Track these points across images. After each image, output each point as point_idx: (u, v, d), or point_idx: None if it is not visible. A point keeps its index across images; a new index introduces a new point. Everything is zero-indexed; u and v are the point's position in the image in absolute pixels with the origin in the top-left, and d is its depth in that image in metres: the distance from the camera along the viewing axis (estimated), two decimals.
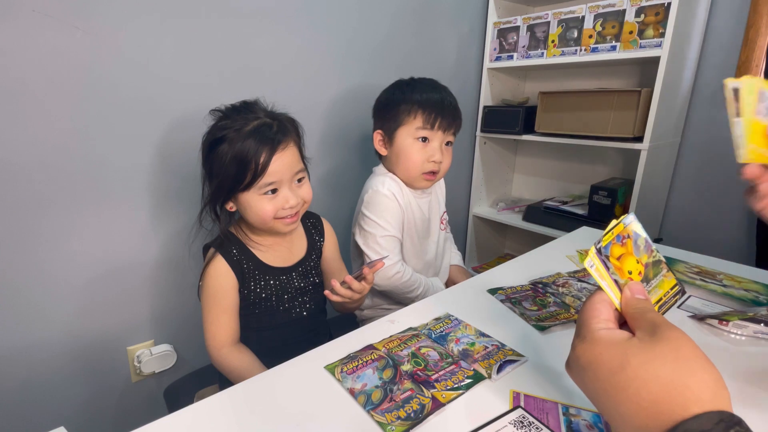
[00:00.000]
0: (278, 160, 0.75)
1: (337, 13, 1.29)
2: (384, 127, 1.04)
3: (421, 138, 1.00)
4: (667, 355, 0.30)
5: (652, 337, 0.32)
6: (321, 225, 0.94)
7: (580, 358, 0.35)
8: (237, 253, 0.80)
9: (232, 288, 0.80)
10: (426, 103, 0.98)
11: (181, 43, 1.03)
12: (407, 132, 1.00)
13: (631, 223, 0.40)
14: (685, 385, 0.28)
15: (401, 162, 1.02)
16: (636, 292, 0.38)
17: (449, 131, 1.02)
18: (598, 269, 0.38)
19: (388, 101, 1.04)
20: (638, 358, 0.31)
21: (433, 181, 1.05)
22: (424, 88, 1.01)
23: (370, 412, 0.47)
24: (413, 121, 0.99)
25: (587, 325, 0.36)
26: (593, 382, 0.33)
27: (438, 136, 1.01)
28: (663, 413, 0.28)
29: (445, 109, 0.99)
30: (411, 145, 1.00)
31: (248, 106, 0.80)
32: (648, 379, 0.30)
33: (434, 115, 0.98)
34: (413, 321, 0.66)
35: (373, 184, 1.04)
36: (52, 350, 1.01)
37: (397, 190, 1.03)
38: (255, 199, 0.76)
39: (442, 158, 1.02)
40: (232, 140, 0.73)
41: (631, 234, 0.40)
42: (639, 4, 1.32)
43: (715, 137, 1.46)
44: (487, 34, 1.74)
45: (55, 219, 0.95)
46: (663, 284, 0.41)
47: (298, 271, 0.87)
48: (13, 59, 0.84)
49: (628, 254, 0.39)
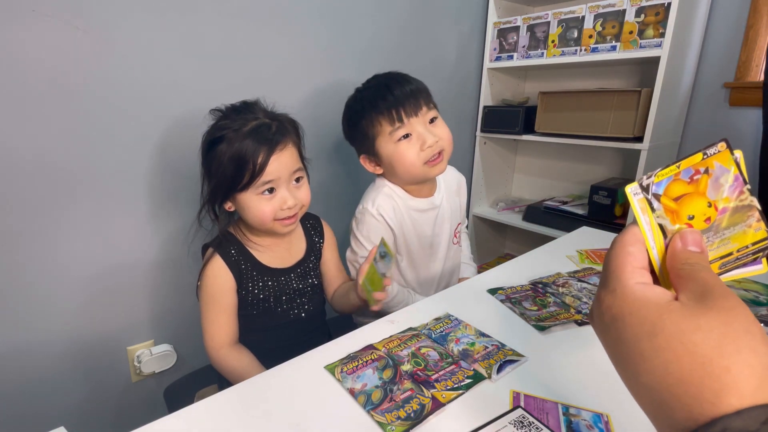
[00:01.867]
0: (276, 161, 0.75)
1: (337, 13, 1.29)
2: (363, 149, 0.99)
3: (402, 137, 0.92)
4: (714, 329, 0.24)
5: (700, 304, 0.25)
6: (320, 226, 0.94)
7: (606, 312, 0.29)
8: (235, 254, 0.80)
9: (230, 288, 0.80)
10: (379, 105, 0.91)
11: (181, 44, 1.03)
12: (384, 141, 0.93)
13: (717, 153, 0.30)
14: (724, 368, 0.23)
15: (398, 168, 0.94)
16: (690, 242, 0.29)
17: (421, 110, 0.92)
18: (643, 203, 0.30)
19: (351, 125, 0.99)
20: (676, 327, 0.25)
21: (441, 162, 0.94)
22: (370, 93, 0.94)
23: (370, 412, 0.47)
24: (381, 128, 0.92)
25: (617, 275, 0.29)
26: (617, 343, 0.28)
27: (415, 123, 0.91)
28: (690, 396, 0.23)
29: (400, 96, 0.90)
30: (396, 148, 0.92)
31: (248, 106, 0.80)
32: (681, 353, 0.24)
33: (394, 110, 0.90)
34: (413, 321, 0.66)
35: (365, 199, 0.99)
36: (52, 350, 1.01)
37: (387, 208, 0.96)
38: (253, 199, 0.76)
39: (434, 136, 0.92)
40: (231, 140, 0.74)
41: (713, 168, 0.30)
42: (639, 4, 1.32)
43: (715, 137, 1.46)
44: (487, 34, 1.74)
45: (55, 219, 0.95)
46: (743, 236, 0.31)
47: (297, 272, 0.87)
48: (12, 59, 0.84)
49: (696, 194, 0.30)
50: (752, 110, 1.36)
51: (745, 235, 0.31)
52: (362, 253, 0.96)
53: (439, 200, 1.04)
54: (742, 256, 0.31)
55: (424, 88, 0.95)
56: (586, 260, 0.88)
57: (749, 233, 0.31)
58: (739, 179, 0.30)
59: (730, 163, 0.30)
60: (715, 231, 0.31)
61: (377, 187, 1.00)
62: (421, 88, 0.94)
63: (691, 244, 0.29)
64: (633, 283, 0.28)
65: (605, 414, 0.46)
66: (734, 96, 1.40)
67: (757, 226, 0.31)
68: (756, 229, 0.31)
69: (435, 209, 1.02)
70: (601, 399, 0.48)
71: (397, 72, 0.98)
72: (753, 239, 0.31)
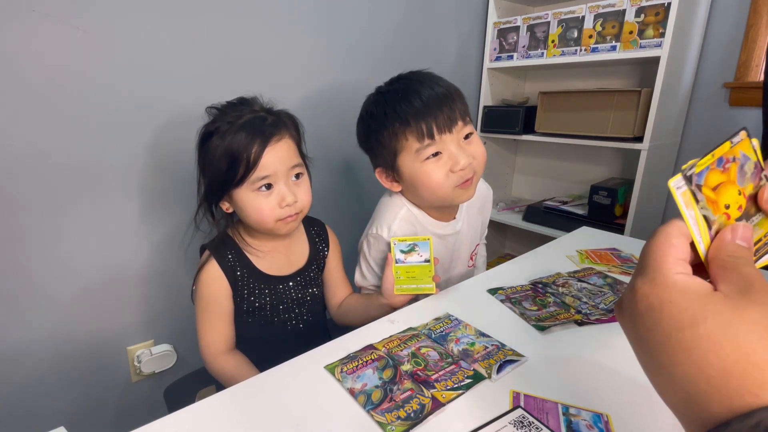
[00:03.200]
0: (271, 153, 0.71)
1: (337, 13, 1.29)
2: (380, 162, 0.84)
3: (432, 155, 0.77)
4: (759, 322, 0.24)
5: (744, 297, 0.25)
6: (325, 233, 0.89)
7: (641, 301, 0.28)
8: (231, 259, 0.77)
9: (225, 294, 0.77)
10: (406, 115, 0.75)
11: (181, 44, 1.03)
12: (409, 158, 0.78)
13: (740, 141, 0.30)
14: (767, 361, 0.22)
15: (422, 190, 0.80)
16: (740, 236, 0.29)
17: (456, 125, 0.77)
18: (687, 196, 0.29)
19: (368, 133, 0.84)
20: (720, 317, 0.24)
21: (471, 185, 0.81)
22: (396, 98, 0.78)
23: (370, 412, 0.47)
24: (407, 143, 0.77)
25: (659, 264, 0.28)
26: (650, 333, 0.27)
27: (448, 141, 0.77)
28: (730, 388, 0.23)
29: (432, 105, 0.75)
30: (421, 168, 0.77)
31: (244, 101, 0.77)
32: (724, 343, 0.24)
33: (425, 124, 0.75)
34: (413, 321, 0.66)
35: (379, 221, 0.85)
36: (52, 350, 1.01)
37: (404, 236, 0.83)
38: (249, 196, 0.72)
39: (469, 156, 0.77)
40: (224, 133, 0.70)
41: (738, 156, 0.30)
42: (639, 4, 1.32)
43: (715, 137, 1.46)
44: (487, 34, 1.74)
45: (55, 218, 0.95)
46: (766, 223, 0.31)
47: (297, 280, 0.83)
48: (12, 59, 0.84)
49: (729, 183, 0.30)
50: (752, 110, 1.36)
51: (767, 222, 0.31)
52: (373, 280, 0.88)
53: (459, 225, 0.91)
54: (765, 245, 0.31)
55: (459, 93, 0.79)
56: (586, 260, 0.88)
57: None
58: (758, 166, 0.31)
59: (749, 150, 0.31)
60: (746, 218, 0.31)
61: (394, 207, 0.86)
62: (456, 94, 0.78)
63: (741, 238, 0.29)
64: (674, 273, 0.28)
65: (605, 414, 0.46)
66: (734, 96, 1.40)
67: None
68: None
69: (454, 235, 0.90)
70: (601, 399, 0.48)
71: (429, 72, 0.82)
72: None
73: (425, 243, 0.74)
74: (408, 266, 0.74)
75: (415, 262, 0.74)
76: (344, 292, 0.91)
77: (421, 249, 0.74)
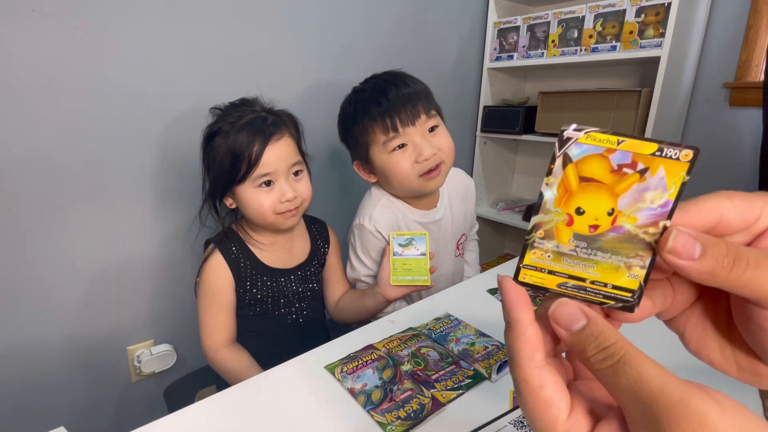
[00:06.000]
0: (271, 151, 0.74)
1: (337, 13, 1.29)
2: (356, 155, 0.93)
3: (397, 147, 0.84)
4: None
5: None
6: (326, 232, 0.93)
7: None
8: (236, 251, 0.80)
9: (228, 286, 0.79)
10: (372, 111, 0.83)
11: (181, 43, 1.03)
12: (378, 150, 0.86)
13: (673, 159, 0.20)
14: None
15: (391, 180, 0.87)
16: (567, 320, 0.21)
17: (419, 119, 0.83)
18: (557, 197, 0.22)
19: (344, 129, 0.93)
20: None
21: (438, 176, 0.86)
22: (365, 96, 0.86)
23: (370, 412, 0.47)
24: (375, 137, 0.85)
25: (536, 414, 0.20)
26: None
27: (412, 133, 0.83)
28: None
29: (395, 101, 0.82)
30: (389, 159, 0.85)
31: (246, 102, 0.80)
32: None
33: (389, 119, 0.82)
34: (413, 321, 0.66)
35: (361, 213, 0.92)
36: (52, 350, 1.01)
37: (385, 223, 0.89)
38: (251, 192, 0.75)
39: (433, 148, 0.83)
40: (227, 133, 0.74)
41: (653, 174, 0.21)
42: (639, 4, 1.32)
43: (715, 137, 1.46)
44: (487, 34, 1.74)
45: (55, 218, 0.95)
46: (610, 271, 0.22)
47: (297, 275, 0.86)
48: (12, 59, 0.84)
49: (607, 191, 0.21)
50: (752, 110, 1.36)
51: (613, 272, 0.22)
52: (363, 271, 0.91)
53: (441, 213, 0.95)
54: (592, 291, 0.23)
55: (425, 91, 0.86)
56: None
57: (620, 273, 0.22)
58: (668, 208, 0.21)
59: (675, 181, 0.20)
60: (589, 245, 0.22)
61: (374, 198, 0.93)
62: (421, 92, 0.85)
63: (573, 322, 0.21)
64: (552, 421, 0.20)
65: None
66: (734, 96, 1.40)
67: (635, 272, 0.22)
68: (630, 275, 0.22)
69: (435, 223, 0.95)
70: None
71: (398, 71, 0.89)
72: (618, 282, 0.22)
73: (422, 237, 0.77)
74: (405, 259, 0.78)
75: (412, 255, 0.77)
76: (342, 289, 0.94)
77: (418, 243, 0.77)
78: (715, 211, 0.20)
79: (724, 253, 0.19)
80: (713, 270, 0.19)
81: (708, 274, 0.19)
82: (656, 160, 0.20)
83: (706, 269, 0.19)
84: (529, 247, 0.23)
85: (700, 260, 0.19)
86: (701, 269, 0.19)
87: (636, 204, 0.21)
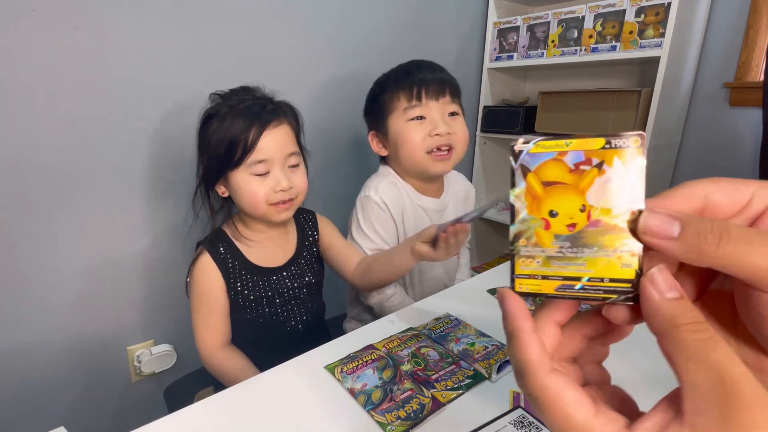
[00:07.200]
0: (268, 137, 0.73)
1: (337, 12, 1.29)
2: (375, 125, 0.96)
3: (416, 117, 0.88)
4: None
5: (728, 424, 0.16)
6: (314, 220, 0.90)
7: None
8: (224, 251, 0.78)
9: (218, 287, 0.77)
10: (404, 79, 0.89)
11: (181, 42, 1.03)
12: (397, 117, 0.90)
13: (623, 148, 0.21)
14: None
15: (401, 150, 0.90)
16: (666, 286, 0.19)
17: (444, 98, 0.89)
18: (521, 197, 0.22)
19: (371, 99, 0.97)
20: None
21: (448, 160, 0.89)
22: (399, 70, 0.93)
23: (370, 412, 0.47)
24: (398, 103, 0.89)
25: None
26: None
27: (433, 108, 0.88)
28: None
29: (427, 76, 0.88)
30: (405, 126, 0.88)
31: (247, 89, 0.79)
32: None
33: (416, 87, 0.87)
34: (413, 321, 0.66)
35: (367, 187, 0.95)
36: (52, 350, 1.01)
37: (391, 197, 0.91)
38: (245, 179, 0.73)
39: (448, 128, 0.88)
40: (224, 116, 0.73)
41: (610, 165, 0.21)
42: (639, 4, 1.32)
43: (715, 137, 1.46)
44: (487, 34, 1.74)
45: (53, 217, 0.95)
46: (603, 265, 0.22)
47: (291, 270, 0.84)
48: (13, 59, 0.84)
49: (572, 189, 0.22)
50: (752, 110, 1.36)
51: (605, 266, 0.22)
52: (367, 244, 0.91)
53: (446, 203, 0.99)
54: (591, 289, 0.22)
55: (456, 83, 0.93)
56: None
57: (613, 265, 0.22)
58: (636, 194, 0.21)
59: (634, 168, 0.21)
60: (572, 243, 0.22)
61: (381, 175, 0.96)
62: (452, 81, 0.92)
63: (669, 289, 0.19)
64: None
65: None
66: (734, 96, 1.40)
67: (627, 261, 0.21)
68: (624, 265, 0.21)
69: (439, 212, 0.97)
70: None
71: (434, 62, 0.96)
72: (613, 274, 0.22)
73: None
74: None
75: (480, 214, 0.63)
76: (356, 255, 0.89)
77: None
78: (699, 194, 0.20)
79: (708, 229, 0.18)
80: (699, 247, 0.18)
81: (694, 252, 0.18)
82: (608, 152, 0.21)
83: (691, 247, 0.18)
84: (516, 256, 0.23)
85: (681, 238, 0.18)
86: (685, 247, 0.18)
87: (604, 196, 0.21)
